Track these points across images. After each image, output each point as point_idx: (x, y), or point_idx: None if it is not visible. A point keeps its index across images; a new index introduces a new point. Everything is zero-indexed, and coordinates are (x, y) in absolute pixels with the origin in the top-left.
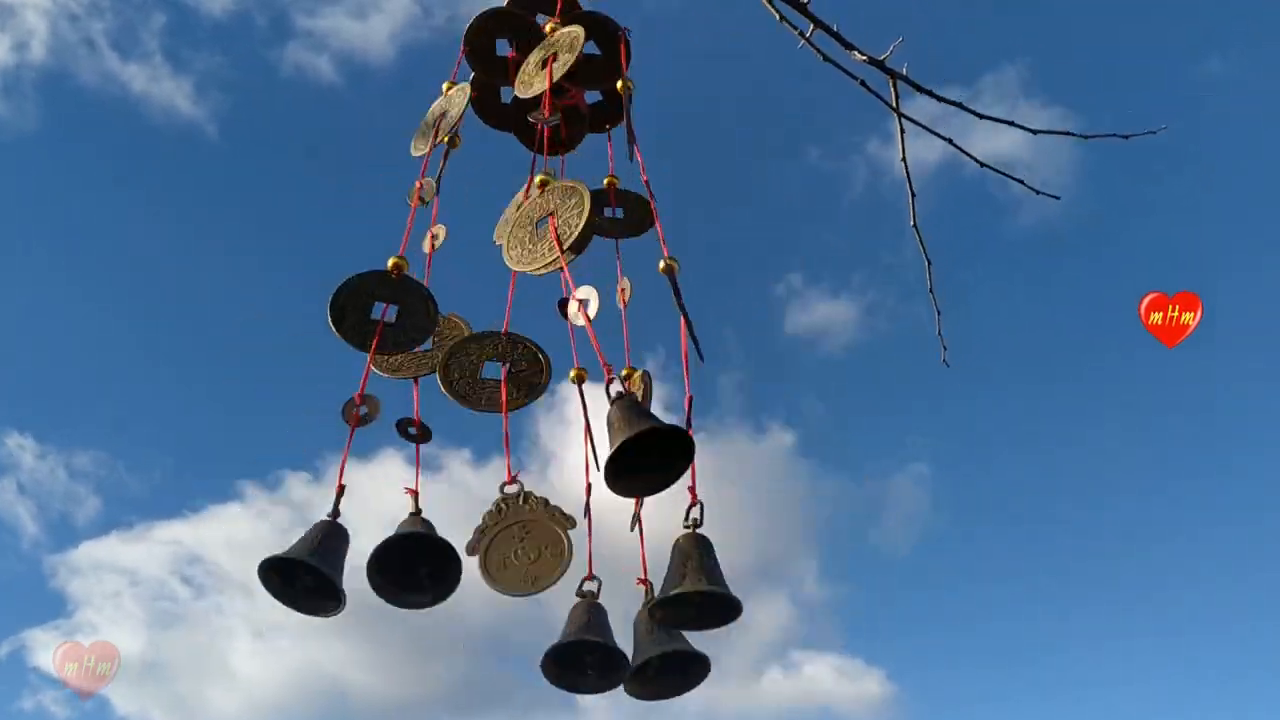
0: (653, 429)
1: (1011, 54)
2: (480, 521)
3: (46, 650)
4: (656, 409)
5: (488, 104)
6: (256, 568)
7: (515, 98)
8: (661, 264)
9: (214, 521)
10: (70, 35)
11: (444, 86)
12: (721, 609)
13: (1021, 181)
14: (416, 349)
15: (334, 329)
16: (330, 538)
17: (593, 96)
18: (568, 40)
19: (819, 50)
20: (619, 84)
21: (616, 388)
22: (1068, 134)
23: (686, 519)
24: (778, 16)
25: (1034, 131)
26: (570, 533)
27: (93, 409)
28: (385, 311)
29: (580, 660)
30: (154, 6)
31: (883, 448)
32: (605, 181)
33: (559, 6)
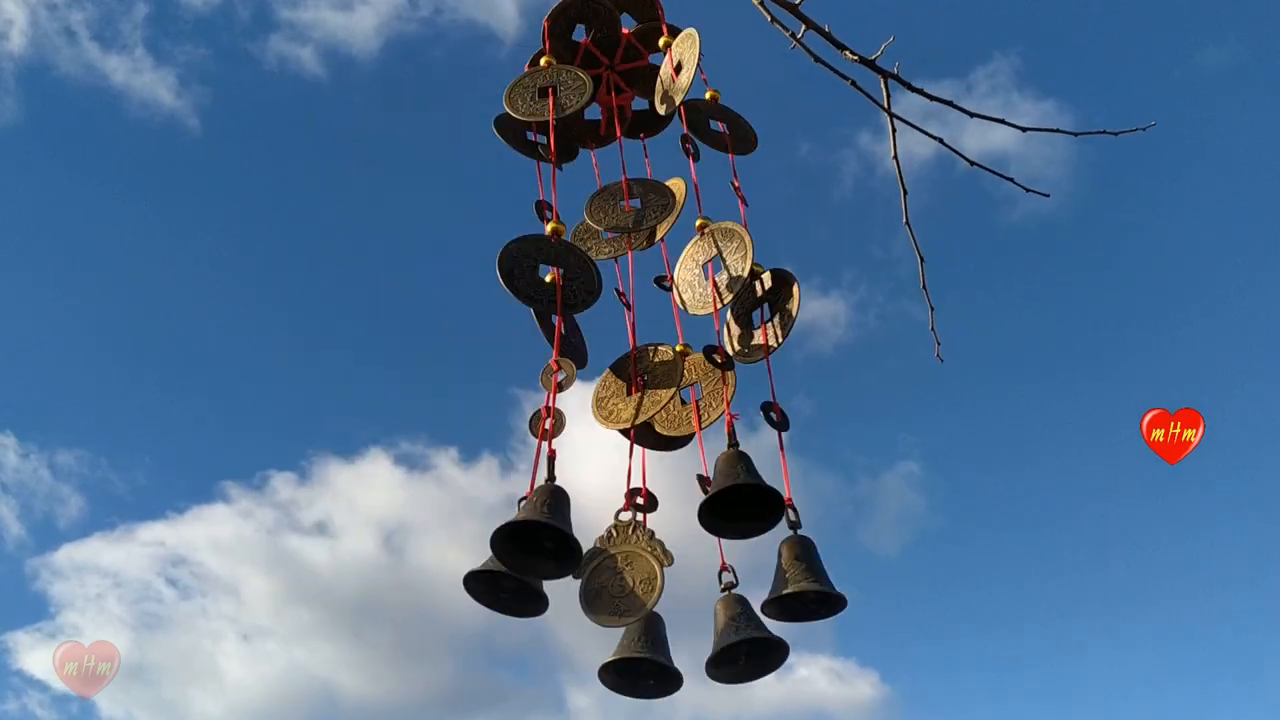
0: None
1: (1004, 46)
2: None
3: (30, 653)
4: None
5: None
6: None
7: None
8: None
9: (198, 522)
10: (49, 25)
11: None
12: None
13: (1011, 180)
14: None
15: (505, 285)
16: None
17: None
18: (688, 42)
19: (810, 51)
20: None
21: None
22: (1058, 131)
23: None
24: (769, 17)
25: (1024, 129)
26: (666, 570)
27: (74, 407)
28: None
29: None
30: None
31: (873, 446)
32: (708, 95)
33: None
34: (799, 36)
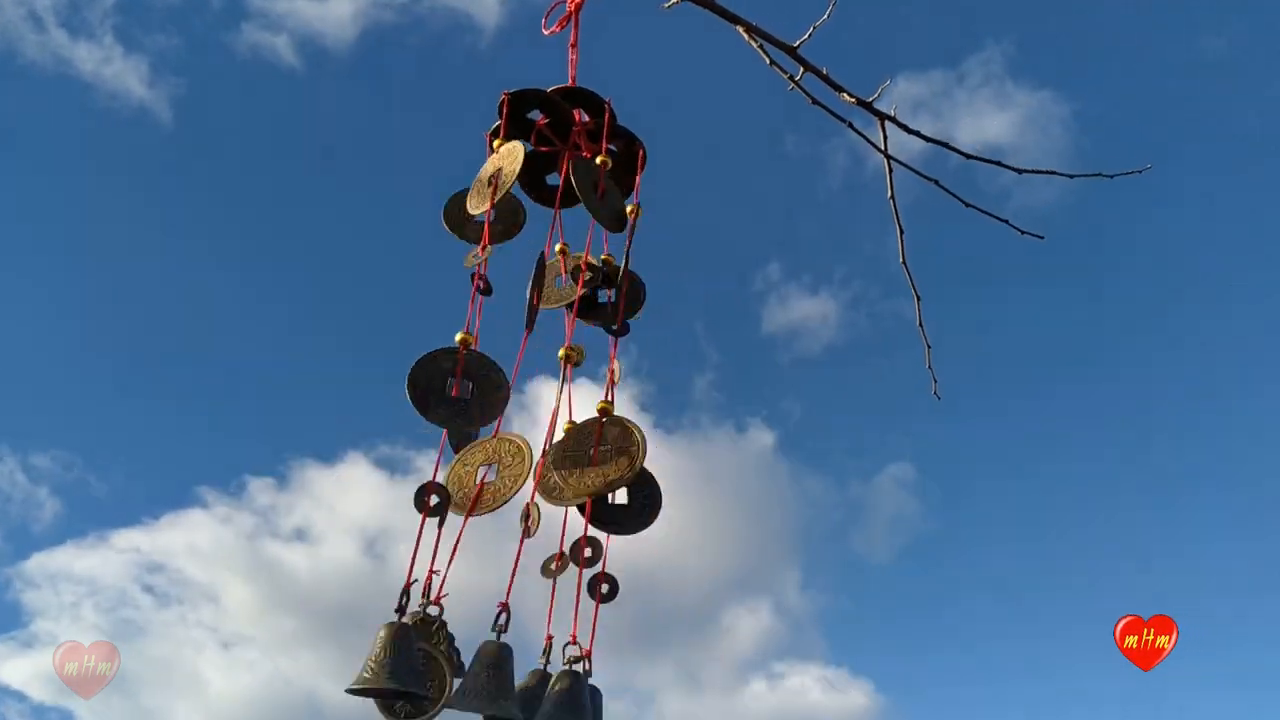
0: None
1: (997, 34)
2: None
3: (5, 663)
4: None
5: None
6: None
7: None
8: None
9: (174, 529)
10: (14, 10)
11: (490, 141)
12: None
13: (1006, 221)
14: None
15: (418, 411)
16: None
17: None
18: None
19: (808, 94)
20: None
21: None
22: (1053, 173)
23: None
24: (768, 60)
25: (1019, 171)
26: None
27: (48, 408)
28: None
29: None
30: None
31: (865, 448)
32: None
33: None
34: (797, 79)
